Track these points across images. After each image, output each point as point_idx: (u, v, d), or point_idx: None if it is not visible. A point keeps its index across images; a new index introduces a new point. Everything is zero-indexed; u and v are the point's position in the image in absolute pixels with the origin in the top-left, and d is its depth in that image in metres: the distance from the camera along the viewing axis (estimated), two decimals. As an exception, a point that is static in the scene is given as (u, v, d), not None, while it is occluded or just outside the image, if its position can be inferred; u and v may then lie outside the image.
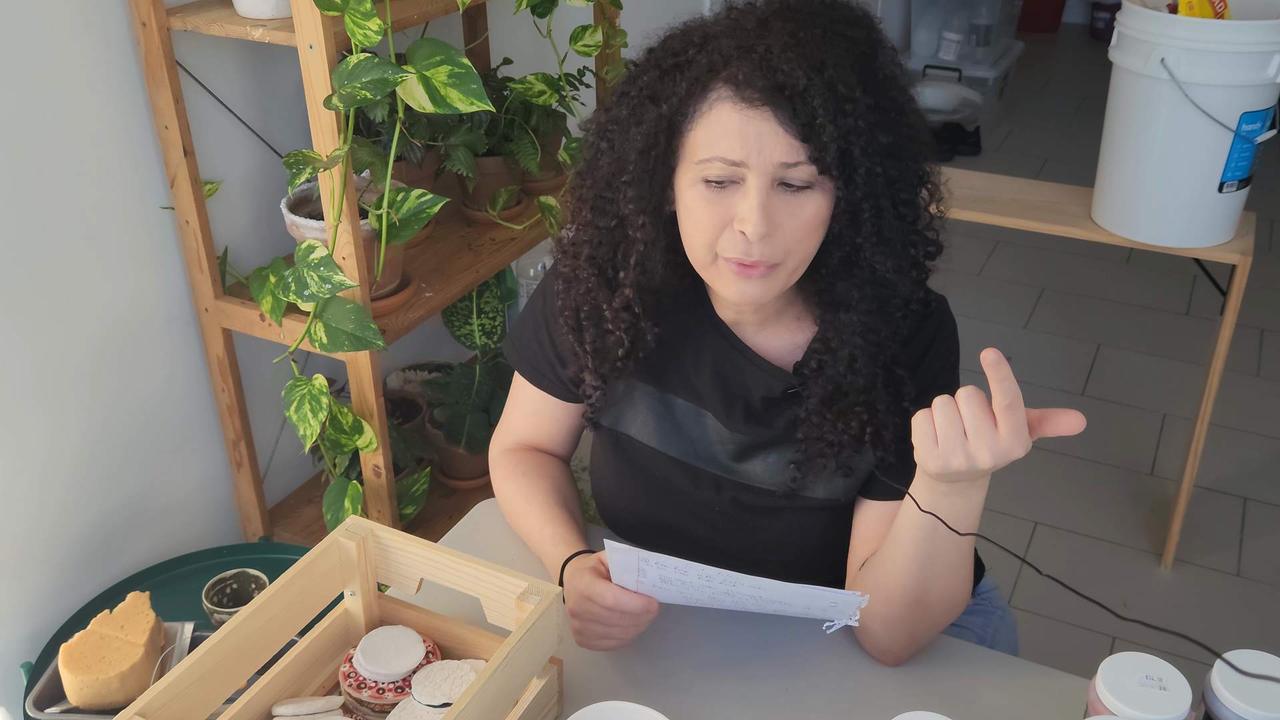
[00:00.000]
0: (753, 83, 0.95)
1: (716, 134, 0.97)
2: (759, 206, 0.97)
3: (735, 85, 0.96)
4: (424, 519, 2.00)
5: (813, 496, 1.14)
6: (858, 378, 1.06)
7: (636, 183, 1.04)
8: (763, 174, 0.97)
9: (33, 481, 1.60)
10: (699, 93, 0.98)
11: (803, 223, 0.99)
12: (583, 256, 1.12)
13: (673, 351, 1.16)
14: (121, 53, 1.59)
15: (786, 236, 0.99)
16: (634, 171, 1.03)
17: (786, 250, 1.00)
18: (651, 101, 1.02)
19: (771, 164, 0.96)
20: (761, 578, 0.96)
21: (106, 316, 1.66)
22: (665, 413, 1.17)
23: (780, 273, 1.02)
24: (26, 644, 1.64)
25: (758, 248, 0.98)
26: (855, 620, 1.00)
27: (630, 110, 1.04)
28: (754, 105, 0.96)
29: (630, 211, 1.05)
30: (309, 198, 1.74)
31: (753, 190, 0.97)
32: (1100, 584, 2.34)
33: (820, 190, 0.99)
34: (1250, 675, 0.86)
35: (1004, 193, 2.30)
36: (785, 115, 0.95)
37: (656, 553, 0.96)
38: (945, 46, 4.66)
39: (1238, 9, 1.97)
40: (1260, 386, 3.00)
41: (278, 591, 0.97)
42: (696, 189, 1.00)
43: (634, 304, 1.10)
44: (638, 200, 1.04)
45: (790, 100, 0.95)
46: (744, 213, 0.98)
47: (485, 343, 2.11)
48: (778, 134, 0.95)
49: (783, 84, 0.95)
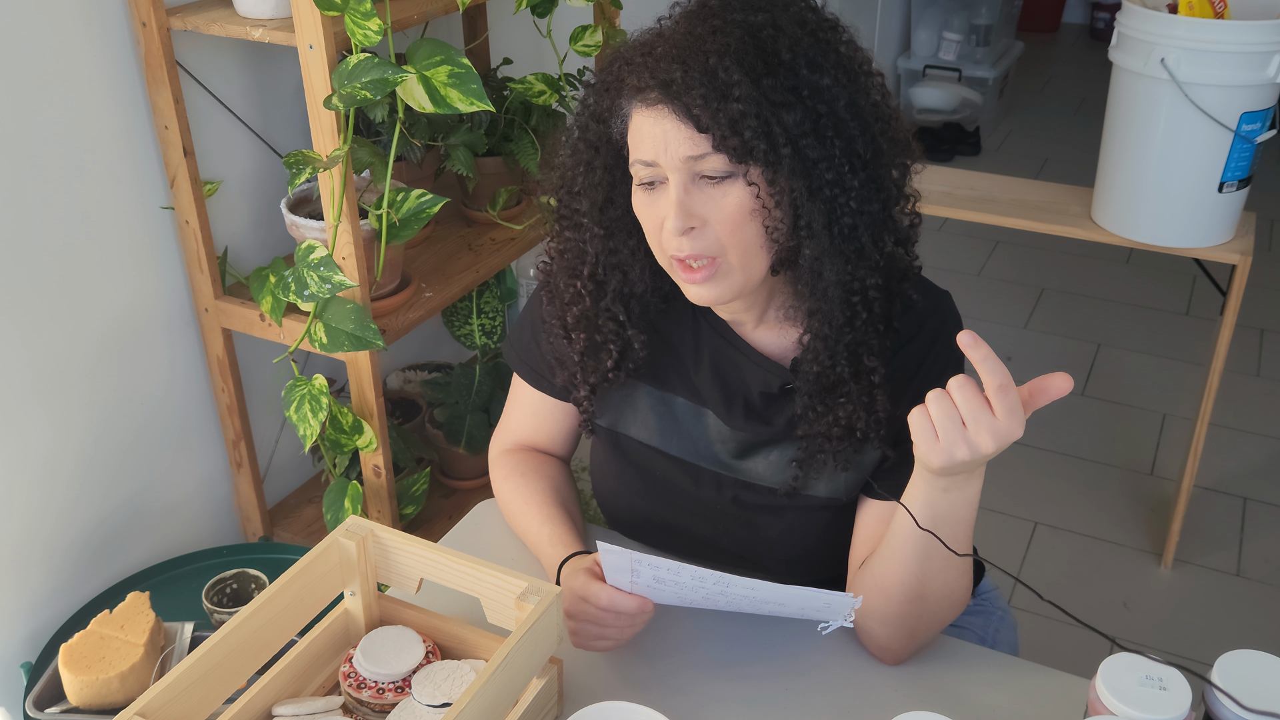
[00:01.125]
0: (646, 84, 0.99)
1: (636, 139, 1.02)
2: (675, 203, 0.99)
3: (637, 90, 1.00)
4: (424, 519, 2.00)
5: (815, 495, 1.14)
6: (834, 368, 1.06)
7: (587, 192, 1.08)
8: (674, 170, 1.00)
9: (32, 481, 1.60)
10: (619, 102, 1.03)
11: (728, 214, 1.00)
12: (558, 267, 1.15)
13: (672, 351, 1.16)
14: (121, 53, 1.59)
15: (716, 229, 1.01)
16: (582, 183, 1.08)
17: (720, 243, 1.01)
18: (588, 114, 1.08)
19: (679, 158, 0.99)
20: (755, 579, 0.97)
21: (106, 316, 1.66)
22: (666, 412, 1.18)
23: (727, 269, 1.02)
24: (26, 644, 1.64)
25: (686, 243, 1.01)
26: (850, 622, 1.00)
27: (582, 129, 1.09)
28: (653, 105, 0.99)
29: (585, 223, 1.09)
30: (309, 198, 1.74)
31: (670, 187, 1.00)
32: (1100, 584, 2.34)
33: (743, 179, 0.99)
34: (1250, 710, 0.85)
35: (1004, 193, 2.30)
36: (680, 110, 0.98)
37: (649, 554, 0.97)
38: (945, 46, 4.66)
39: (1238, 9, 1.97)
40: (1260, 386, 3.00)
41: (278, 591, 0.97)
42: (637, 196, 1.05)
43: (617, 312, 1.12)
44: (590, 212, 1.09)
45: (678, 95, 0.97)
46: (664, 210, 1.01)
47: (485, 343, 2.11)
48: (680, 129, 0.98)
49: (666, 81, 0.98)
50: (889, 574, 1.03)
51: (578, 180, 1.09)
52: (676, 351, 1.16)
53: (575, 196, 1.10)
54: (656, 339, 1.16)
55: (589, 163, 1.08)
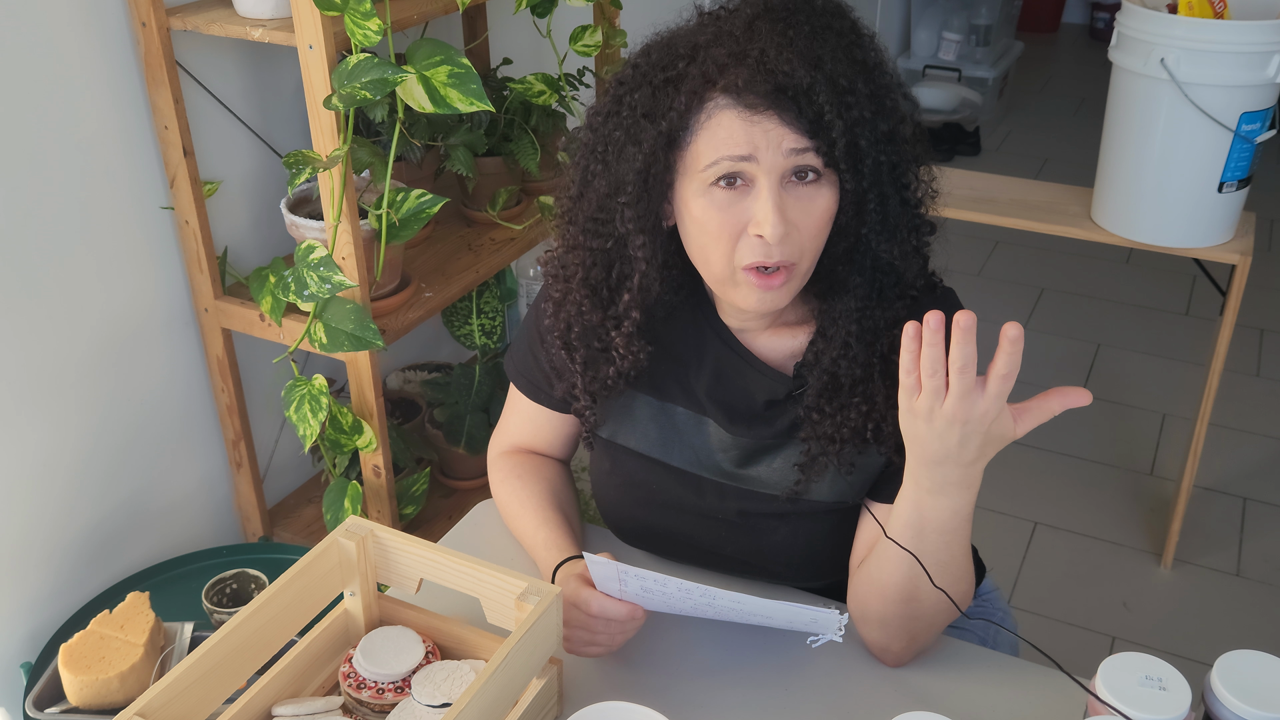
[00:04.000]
0: (754, 88, 0.94)
1: (719, 136, 0.96)
2: (774, 207, 0.95)
3: (735, 93, 0.95)
4: (424, 519, 2.00)
5: (819, 500, 1.13)
6: (854, 367, 1.05)
7: (635, 202, 1.02)
8: (772, 170, 0.96)
9: (32, 482, 1.60)
10: (697, 105, 0.97)
11: (815, 218, 0.99)
12: (575, 279, 1.10)
13: (672, 360, 1.15)
14: (121, 53, 1.59)
15: (801, 235, 0.99)
16: (633, 191, 1.02)
17: (801, 250, 1.00)
18: (647, 119, 1.00)
19: (780, 156, 0.95)
20: (741, 594, 0.97)
21: (106, 316, 1.66)
22: (666, 422, 1.17)
23: (795, 275, 1.01)
24: (26, 644, 1.64)
25: (778, 250, 0.97)
26: (839, 636, 1.00)
27: (625, 130, 1.02)
28: (757, 111, 0.94)
29: (629, 230, 1.04)
30: (309, 198, 1.74)
31: (765, 190, 0.96)
32: (1100, 584, 2.35)
33: (830, 184, 0.99)
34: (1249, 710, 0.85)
35: (1004, 193, 2.30)
36: (790, 116, 0.94)
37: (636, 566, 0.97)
38: (945, 46, 4.66)
39: (1237, 9, 1.97)
40: (1260, 386, 3.00)
41: (278, 591, 0.97)
42: (706, 198, 0.98)
43: (624, 322, 1.09)
44: (636, 220, 1.03)
45: (795, 100, 0.94)
46: (760, 215, 0.96)
47: (485, 343, 2.11)
48: (785, 134, 0.95)
49: (784, 85, 0.94)
50: (883, 575, 1.03)
51: (627, 187, 1.02)
52: (677, 360, 1.15)
53: (617, 206, 1.04)
54: (657, 348, 1.15)
55: (641, 171, 1.01)
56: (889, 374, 1.06)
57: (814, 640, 1.02)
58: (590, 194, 1.06)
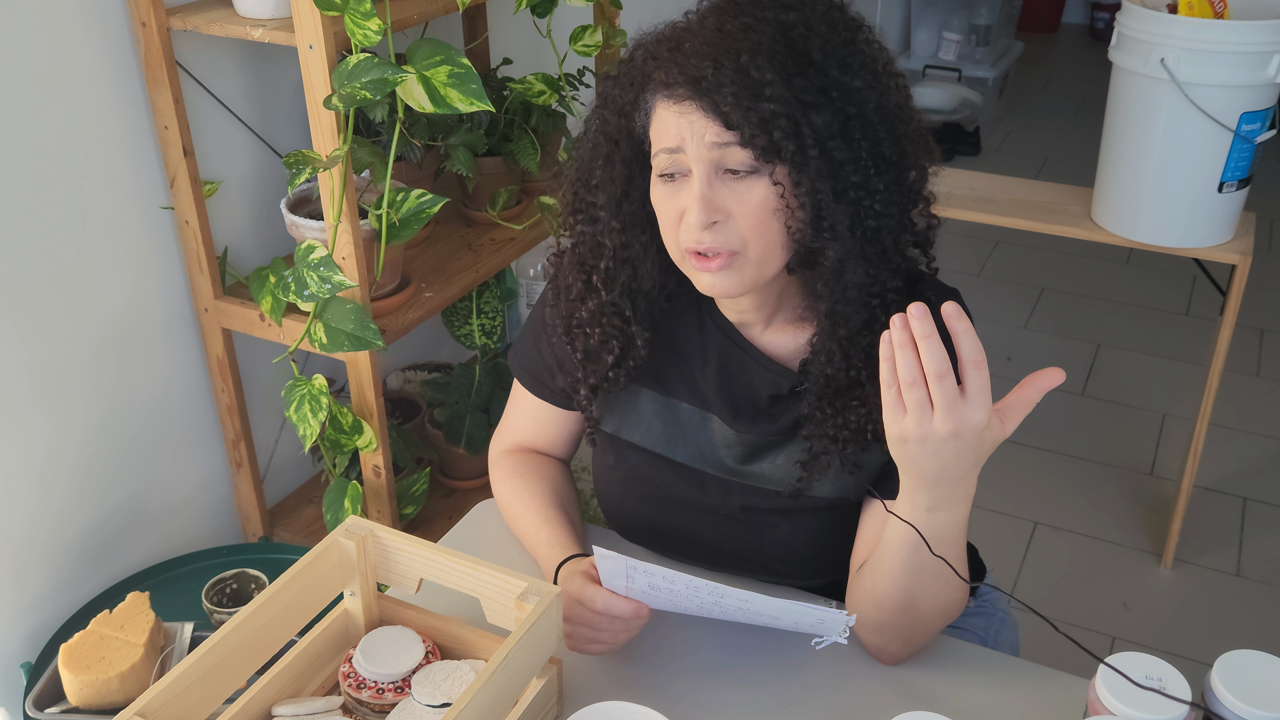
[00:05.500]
0: (675, 79, 0.99)
1: (660, 130, 1.02)
2: (698, 196, 0.99)
3: (665, 85, 1.00)
4: (424, 519, 2.00)
5: (821, 496, 1.13)
6: (847, 371, 1.05)
7: (605, 185, 1.08)
8: (699, 160, 0.99)
9: (32, 482, 1.60)
10: (643, 95, 1.03)
11: (752, 208, 0.99)
12: (568, 262, 1.14)
13: (677, 355, 1.16)
14: (121, 53, 1.59)
15: (739, 223, 1.00)
16: (601, 176, 1.08)
17: (742, 238, 1.00)
18: (609, 108, 1.07)
19: (704, 148, 0.98)
20: (750, 592, 0.97)
21: (106, 316, 1.66)
22: (670, 417, 1.17)
23: (743, 263, 1.02)
24: (26, 644, 1.64)
25: (707, 236, 1.00)
26: (844, 639, 1.00)
27: (599, 120, 1.09)
28: (680, 101, 0.99)
29: (602, 216, 1.09)
30: (309, 198, 1.74)
31: (694, 179, 1.00)
32: (1100, 584, 2.34)
33: (767, 177, 0.99)
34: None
35: (1004, 193, 2.30)
36: (708, 106, 0.97)
37: (645, 561, 0.97)
38: (945, 46, 4.66)
39: (1237, 9, 1.97)
40: (1260, 386, 3.00)
41: (278, 591, 0.97)
42: (656, 190, 1.04)
43: (623, 307, 1.11)
44: (608, 205, 1.08)
45: (707, 92, 0.97)
46: (687, 202, 1.01)
47: (485, 343, 2.11)
48: (707, 125, 0.98)
49: (697, 77, 0.97)
50: (880, 585, 1.03)
51: (596, 173, 1.08)
52: (681, 355, 1.16)
53: (592, 189, 1.09)
54: (661, 342, 1.16)
55: (608, 155, 1.07)
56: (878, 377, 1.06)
57: (818, 642, 1.02)
58: (581, 183, 1.11)
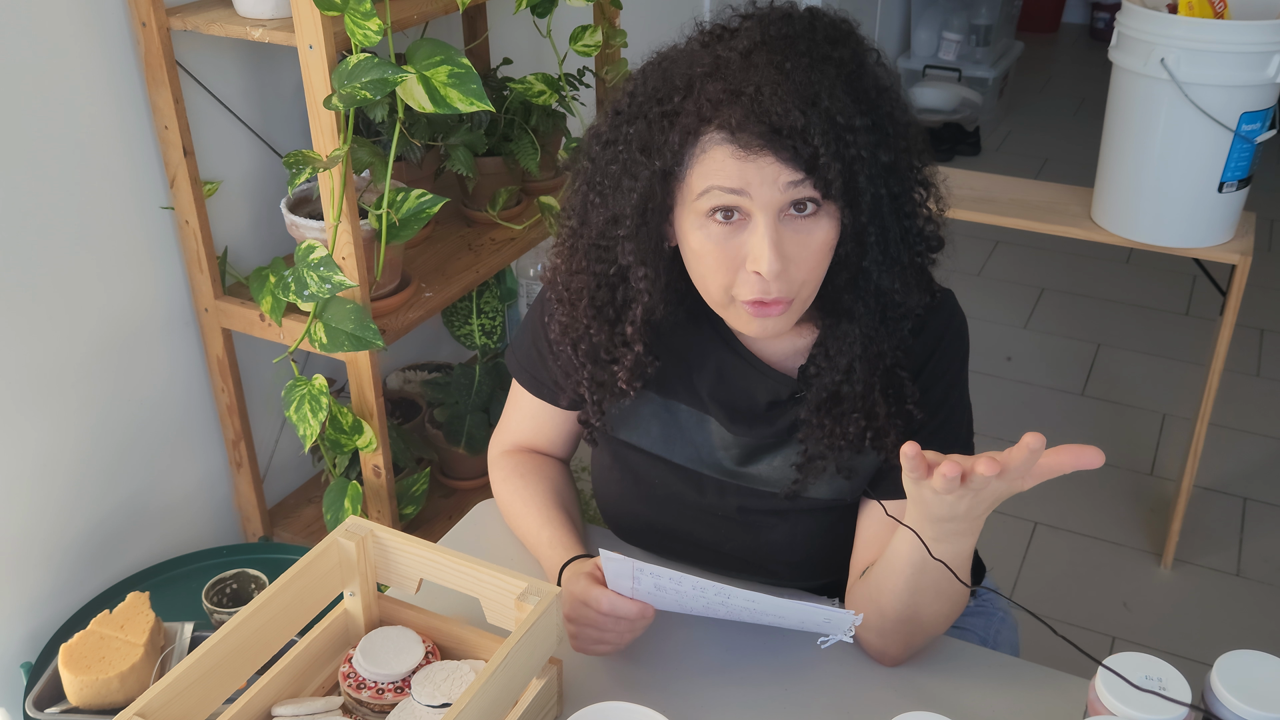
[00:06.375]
0: (747, 128, 0.92)
1: (714, 169, 0.95)
2: (771, 244, 0.94)
3: (729, 130, 0.93)
4: (424, 519, 2.00)
5: (818, 497, 1.14)
6: (855, 385, 1.06)
7: (634, 236, 1.02)
8: (769, 206, 0.94)
9: (32, 482, 1.60)
10: (691, 141, 0.95)
11: (813, 251, 0.97)
12: (582, 304, 1.09)
13: (677, 358, 1.15)
14: (121, 53, 1.59)
15: (799, 269, 0.97)
16: (630, 226, 1.01)
17: (800, 283, 0.99)
18: (643, 154, 0.99)
19: (776, 192, 0.93)
20: (756, 592, 0.97)
21: (106, 316, 1.66)
22: (669, 419, 1.17)
23: (795, 305, 1.00)
24: (26, 644, 1.64)
25: (775, 286, 0.96)
26: (850, 637, 1.00)
27: (621, 164, 1.01)
28: (751, 150, 0.92)
29: (631, 261, 1.03)
30: (309, 198, 1.74)
31: (761, 226, 0.94)
32: (1100, 584, 2.35)
33: (829, 217, 0.97)
34: (1249, 710, 0.85)
35: (1004, 193, 2.30)
36: (786, 156, 0.92)
37: (650, 563, 0.97)
38: (945, 46, 4.66)
39: (1237, 9, 1.97)
40: (1260, 386, 3.00)
41: (278, 591, 0.97)
42: (703, 231, 0.98)
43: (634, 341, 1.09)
44: (637, 252, 1.03)
45: (790, 140, 0.92)
46: (756, 251, 0.95)
47: (485, 343, 2.11)
48: (779, 169, 0.93)
49: (779, 126, 0.91)
50: (883, 597, 1.04)
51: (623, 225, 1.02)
52: (681, 359, 1.15)
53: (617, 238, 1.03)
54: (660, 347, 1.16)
55: (638, 207, 1.00)
56: (889, 389, 1.07)
57: (824, 641, 1.02)
58: (591, 223, 1.05)
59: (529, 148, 1.96)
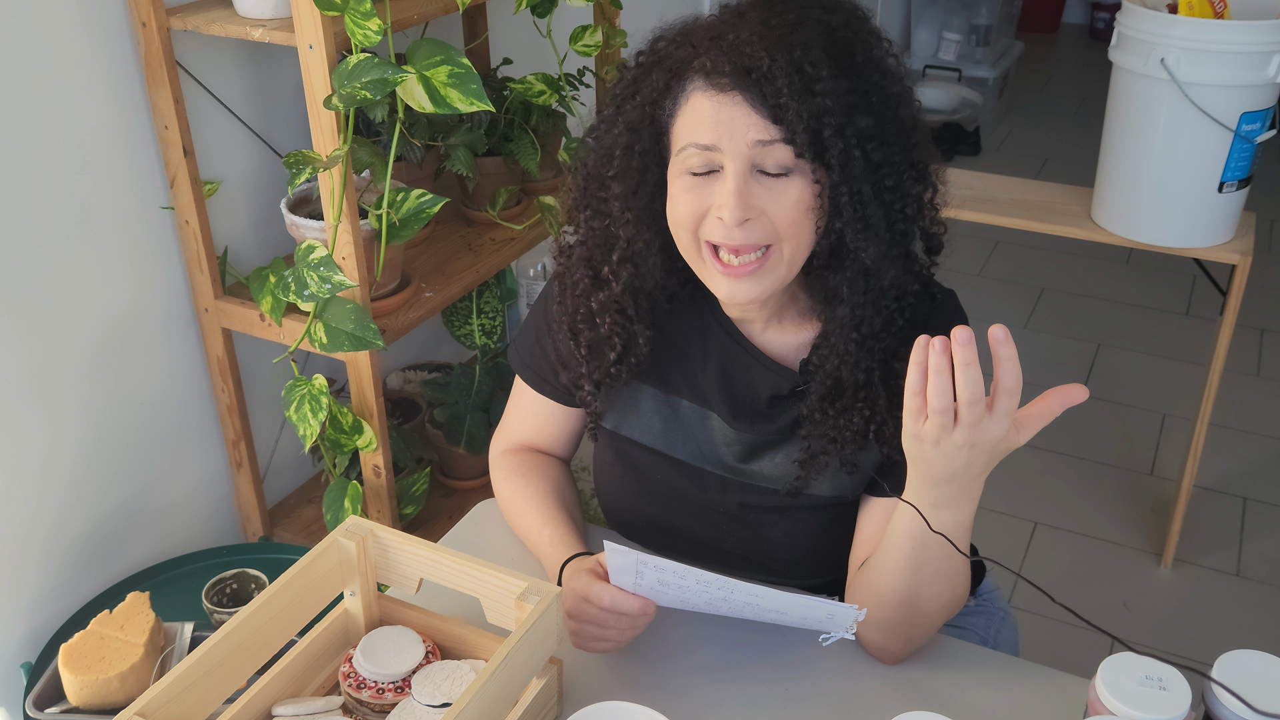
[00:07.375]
0: (720, 68, 0.97)
1: (692, 122, 0.99)
2: (733, 191, 0.98)
3: (705, 73, 0.98)
4: (424, 519, 2.00)
5: (820, 495, 1.14)
6: (856, 372, 1.06)
7: (622, 177, 1.05)
8: (737, 158, 0.98)
9: (32, 482, 1.60)
10: (676, 84, 1.01)
11: (788, 207, 0.99)
12: (575, 257, 1.13)
13: (678, 353, 1.16)
14: (121, 53, 1.59)
15: (773, 220, 1.00)
16: (619, 166, 1.05)
17: (776, 235, 1.00)
18: (633, 97, 1.05)
19: (745, 146, 0.97)
20: (759, 586, 0.96)
21: (106, 316, 1.66)
22: (671, 415, 1.17)
23: (777, 260, 1.02)
24: (26, 644, 1.64)
25: (739, 233, 0.99)
26: (852, 634, 1.00)
27: (615, 108, 1.07)
28: (723, 90, 0.97)
29: (616, 208, 1.07)
30: (309, 198, 1.74)
31: (729, 175, 0.98)
32: (1100, 584, 2.34)
33: (802, 176, 0.99)
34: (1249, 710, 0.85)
35: (1004, 193, 2.30)
36: (754, 97, 0.96)
37: (655, 556, 0.96)
38: (945, 46, 4.66)
39: (1237, 9, 1.97)
40: (1260, 386, 3.00)
41: (278, 591, 0.97)
42: (680, 181, 1.02)
43: (625, 305, 1.10)
44: (623, 196, 1.06)
45: (757, 83, 0.96)
46: (721, 198, 0.99)
47: (485, 343, 2.11)
48: (749, 117, 0.97)
49: (748, 67, 0.96)
50: (883, 582, 1.03)
51: (613, 162, 1.06)
52: (683, 353, 1.16)
53: (607, 181, 1.07)
54: (663, 340, 1.16)
55: (628, 145, 1.05)
56: (889, 379, 1.06)
57: (825, 638, 1.02)
58: (592, 176, 1.09)
59: (529, 148, 1.96)
